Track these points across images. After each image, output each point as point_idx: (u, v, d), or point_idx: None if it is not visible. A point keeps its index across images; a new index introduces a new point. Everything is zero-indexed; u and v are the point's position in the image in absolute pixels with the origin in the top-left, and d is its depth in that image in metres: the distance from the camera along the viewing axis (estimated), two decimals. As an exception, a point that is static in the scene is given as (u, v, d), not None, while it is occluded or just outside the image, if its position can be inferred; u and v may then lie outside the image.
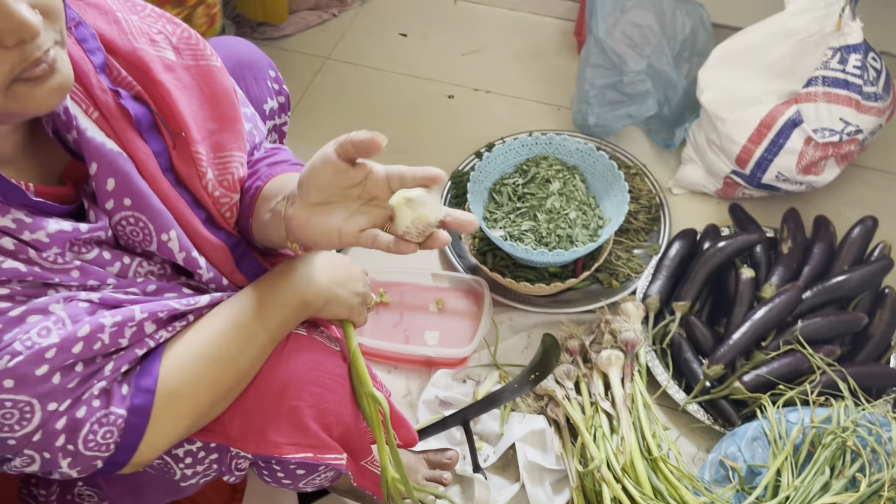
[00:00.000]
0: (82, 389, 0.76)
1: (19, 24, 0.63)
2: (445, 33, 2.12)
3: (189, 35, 0.89)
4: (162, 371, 0.80)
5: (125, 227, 0.83)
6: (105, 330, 0.76)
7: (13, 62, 0.65)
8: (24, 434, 0.74)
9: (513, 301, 1.52)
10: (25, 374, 0.71)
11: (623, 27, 1.70)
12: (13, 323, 0.72)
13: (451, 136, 1.86)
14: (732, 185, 1.62)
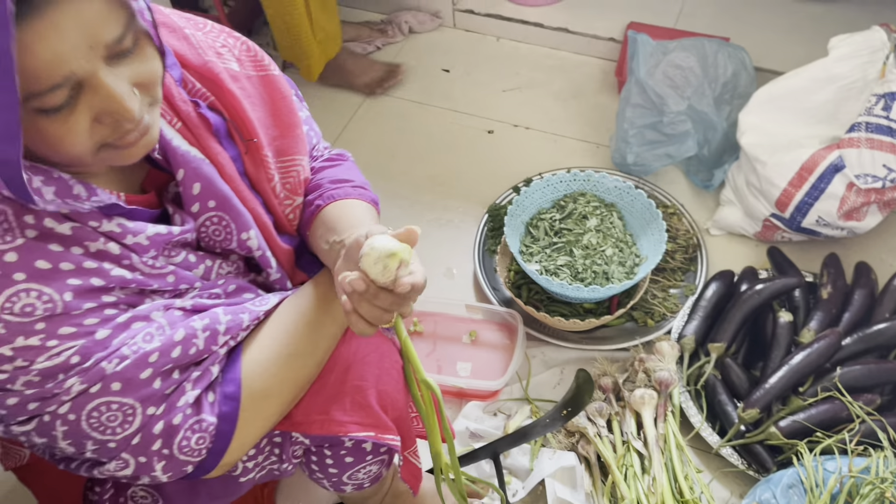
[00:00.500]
0: (177, 396, 0.80)
1: (120, 110, 0.68)
2: (487, 70, 2.15)
3: (248, 47, 0.94)
4: (244, 377, 0.84)
5: (209, 227, 0.88)
6: (198, 335, 0.81)
7: (105, 134, 0.70)
8: (124, 437, 0.78)
9: (546, 336, 1.52)
10: (132, 377, 0.76)
11: (664, 68, 1.72)
12: (120, 328, 0.77)
13: (489, 170, 1.88)
14: (771, 228, 1.61)
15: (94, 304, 0.75)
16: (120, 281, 0.77)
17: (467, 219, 1.79)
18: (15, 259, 0.71)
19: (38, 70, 0.62)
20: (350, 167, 1.06)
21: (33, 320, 0.71)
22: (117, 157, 0.74)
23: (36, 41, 0.61)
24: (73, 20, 0.62)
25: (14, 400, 0.74)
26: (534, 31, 2.17)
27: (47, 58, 0.62)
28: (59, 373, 0.74)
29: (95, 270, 0.75)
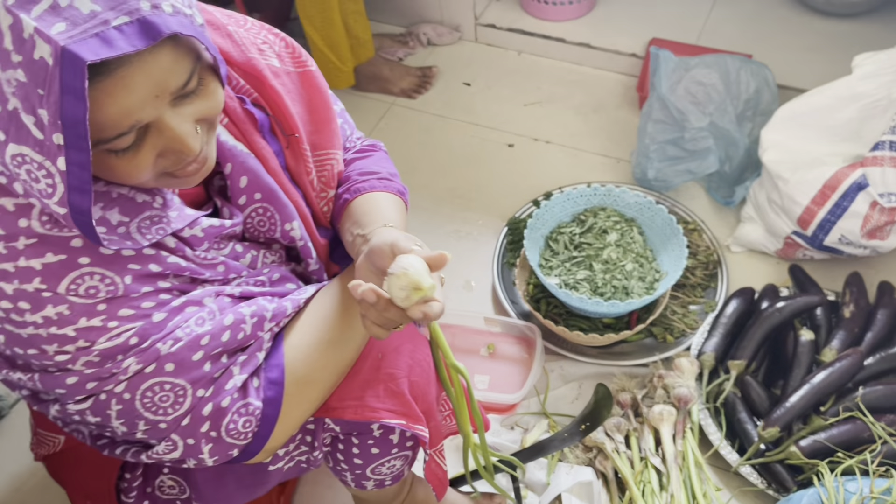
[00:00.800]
0: (225, 379, 0.83)
1: (183, 150, 0.72)
2: (508, 84, 2.16)
3: (287, 43, 0.97)
4: (287, 362, 0.87)
5: (254, 218, 0.91)
6: (246, 321, 0.84)
7: (167, 165, 0.74)
8: (175, 417, 0.81)
9: (565, 350, 1.52)
10: (184, 359, 0.79)
11: (686, 84, 1.72)
12: (175, 312, 0.80)
13: (509, 183, 1.89)
14: (793, 245, 1.60)
15: (150, 289, 0.78)
16: (175, 268, 0.80)
17: (486, 231, 1.79)
18: (80, 244, 0.74)
19: (106, 123, 0.65)
20: (380, 158, 1.08)
21: (96, 302, 0.75)
22: (175, 183, 0.78)
23: (105, 98, 0.64)
24: (142, 76, 0.65)
25: (73, 379, 0.77)
26: (555, 45, 2.18)
27: (116, 112, 0.65)
28: (118, 353, 0.77)
29: (153, 257, 0.78)
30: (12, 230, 0.72)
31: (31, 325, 0.74)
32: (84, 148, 0.63)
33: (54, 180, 0.65)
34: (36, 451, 1.03)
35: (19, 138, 0.65)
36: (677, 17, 2.16)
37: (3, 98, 0.63)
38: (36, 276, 0.72)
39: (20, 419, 1.53)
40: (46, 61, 0.60)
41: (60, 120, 0.61)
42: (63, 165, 0.64)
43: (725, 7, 2.19)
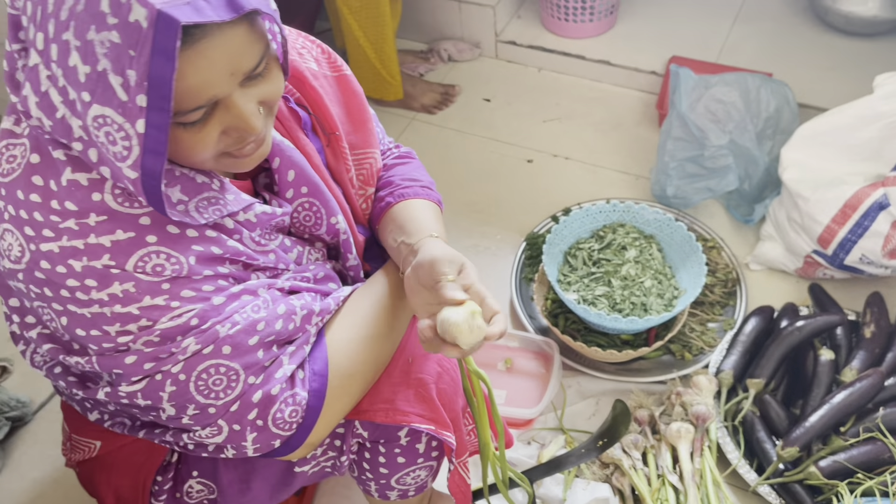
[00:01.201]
0: (275, 368, 0.85)
1: (247, 128, 0.75)
2: (528, 100, 2.18)
3: (323, 49, 1.02)
4: (330, 355, 0.89)
5: (300, 212, 0.94)
6: (297, 312, 0.87)
7: (228, 143, 0.77)
8: (225, 402, 0.83)
9: (582, 366, 1.52)
10: (241, 342, 0.81)
11: (706, 103, 1.72)
12: (233, 298, 0.82)
13: (528, 198, 1.90)
14: (813, 264, 1.60)
15: (211, 273, 0.80)
16: (234, 252, 0.83)
17: (505, 246, 1.80)
18: (148, 223, 0.76)
19: (186, 93, 0.68)
20: (418, 166, 1.13)
21: (161, 280, 0.77)
22: (233, 164, 0.80)
23: (188, 68, 0.67)
24: (221, 51, 0.69)
25: (132, 359, 0.78)
26: (575, 63, 2.20)
27: (196, 83, 0.68)
28: (178, 334, 0.78)
29: (215, 239, 0.81)
30: (85, 205, 0.74)
31: (97, 304, 0.75)
32: (166, 109, 0.66)
33: (131, 143, 0.68)
34: (69, 456, 1.04)
35: (105, 99, 0.67)
36: (697, 35, 2.17)
37: (94, 59, 0.65)
38: (105, 253, 0.74)
39: (42, 426, 1.55)
40: (141, 24, 0.63)
41: (147, 81, 0.64)
42: (142, 128, 0.67)
43: (745, 26, 2.19)
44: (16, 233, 0.75)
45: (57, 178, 0.74)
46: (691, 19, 2.23)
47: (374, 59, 1.99)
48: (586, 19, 2.17)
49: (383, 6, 1.91)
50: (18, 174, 0.75)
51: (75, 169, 0.74)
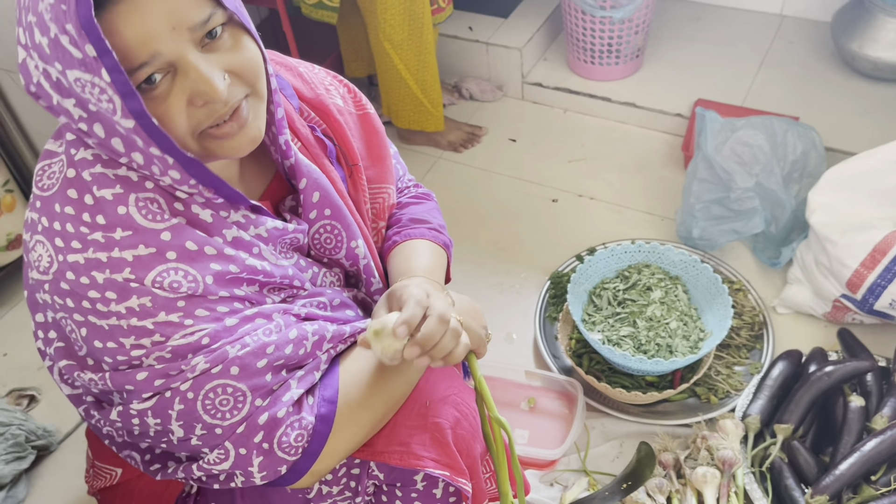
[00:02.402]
0: (282, 392, 0.85)
1: (208, 90, 0.74)
2: (553, 141, 2.20)
3: (349, 88, 1.08)
4: (342, 383, 0.89)
5: (321, 234, 0.96)
6: (308, 338, 0.87)
7: (201, 118, 0.77)
8: (231, 423, 0.83)
9: (606, 407, 1.51)
10: (249, 364, 0.82)
11: (732, 145, 1.73)
12: (246, 320, 0.83)
13: (552, 238, 1.90)
14: (842, 309, 1.58)
15: (227, 294, 0.82)
16: (251, 270, 0.84)
17: (529, 285, 1.80)
18: (169, 238, 0.78)
19: (126, 49, 0.70)
20: (432, 207, 1.15)
21: (177, 297, 0.78)
22: (219, 147, 0.80)
23: (120, 23, 0.69)
24: (155, 4, 0.70)
25: (143, 375, 0.80)
26: (601, 104, 2.22)
27: (132, 37, 0.70)
28: (188, 352, 0.80)
29: (233, 258, 0.82)
30: (113, 219, 0.77)
31: (115, 316, 0.77)
32: (107, 50, 0.67)
33: (109, 94, 0.70)
34: (92, 483, 1.05)
35: (67, 62, 0.69)
36: (723, 78, 2.19)
37: (46, 27, 0.69)
38: (127, 266, 0.77)
39: (67, 455, 1.56)
40: None
41: (83, 28, 0.66)
42: (107, 76, 0.68)
43: (771, 70, 2.20)
44: (46, 244, 0.79)
45: (89, 192, 0.77)
46: (717, 63, 2.25)
47: (417, 89, 2.03)
48: (612, 62, 2.20)
49: (426, 37, 1.96)
50: (56, 189, 0.79)
51: (101, 186, 0.77)
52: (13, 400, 1.66)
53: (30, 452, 1.51)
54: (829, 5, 2.24)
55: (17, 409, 1.59)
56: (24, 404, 1.65)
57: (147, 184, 0.79)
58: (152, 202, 0.79)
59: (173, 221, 0.79)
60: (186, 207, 0.81)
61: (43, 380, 1.71)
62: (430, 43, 1.98)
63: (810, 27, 2.32)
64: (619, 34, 2.12)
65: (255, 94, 0.81)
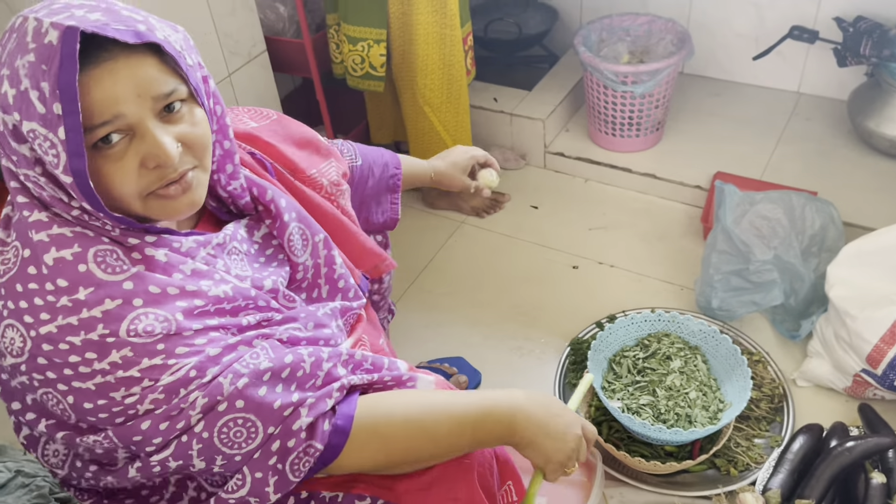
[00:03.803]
0: (293, 419, 0.88)
1: (161, 155, 0.81)
2: (574, 209, 2.24)
3: (249, 109, 1.21)
4: (357, 416, 0.92)
5: (294, 236, 1.05)
6: (305, 359, 0.91)
7: (150, 180, 0.83)
8: (248, 451, 0.86)
9: (625, 476, 1.50)
10: (251, 395, 0.85)
11: (751, 218, 1.76)
12: (229, 349, 0.87)
13: (572, 304, 1.93)
14: (862, 383, 1.58)
15: (200, 326, 0.85)
16: (215, 301, 0.88)
17: (549, 350, 1.82)
18: (132, 287, 0.82)
19: (93, 107, 0.77)
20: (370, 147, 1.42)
21: (154, 340, 0.82)
22: (161, 208, 0.86)
23: (93, 85, 0.76)
24: (126, 71, 0.78)
25: (147, 423, 0.82)
26: (622, 175, 2.27)
27: (102, 97, 0.77)
28: (180, 387, 0.82)
29: (196, 292, 0.86)
30: (74, 278, 0.80)
31: (99, 374, 0.80)
32: (76, 111, 0.74)
33: (58, 150, 0.76)
34: None
35: (29, 115, 0.75)
36: (742, 153, 2.23)
37: (18, 80, 0.75)
38: (99, 323, 0.80)
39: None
40: (53, 43, 0.74)
41: (59, 89, 0.73)
42: (63, 134, 0.75)
43: (789, 146, 2.25)
44: (16, 325, 0.82)
45: (46, 262, 0.81)
46: (735, 138, 2.30)
47: (447, 138, 2.12)
48: (633, 135, 2.26)
49: (463, 98, 2.07)
50: (14, 272, 0.83)
51: (59, 247, 0.81)
52: (38, 450, 1.68)
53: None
54: (846, 84, 2.30)
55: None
56: (49, 455, 1.67)
57: (103, 238, 0.83)
58: (111, 254, 0.83)
59: (133, 270, 0.83)
60: (141, 252, 0.85)
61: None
62: (466, 104, 2.09)
63: (827, 105, 2.37)
64: (640, 108, 2.19)
65: (201, 167, 0.88)
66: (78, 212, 0.82)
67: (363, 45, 1.98)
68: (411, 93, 2.04)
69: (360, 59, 2.01)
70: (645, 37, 2.29)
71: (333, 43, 2.06)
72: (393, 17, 1.94)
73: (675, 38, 2.24)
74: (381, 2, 1.92)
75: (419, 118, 2.08)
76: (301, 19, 1.98)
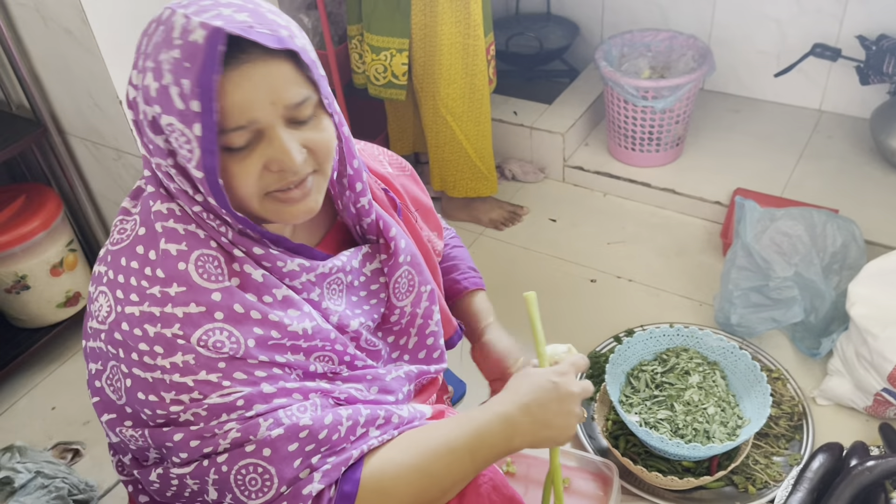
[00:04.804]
0: (304, 484, 0.86)
1: (286, 160, 0.82)
2: (593, 223, 2.24)
3: (390, 155, 1.18)
4: (363, 480, 0.89)
5: (402, 279, 1.04)
6: (343, 423, 0.89)
7: (271, 181, 0.84)
8: (256, 503, 0.85)
9: (642, 491, 1.49)
10: (280, 447, 0.84)
11: (772, 235, 1.76)
12: (283, 392, 0.86)
13: (590, 318, 1.92)
14: (884, 403, 1.56)
15: (266, 359, 0.85)
16: (292, 336, 0.87)
17: (566, 364, 1.81)
18: (219, 299, 0.83)
19: (230, 110, 0.78)
20: (466, 251, 1.35)
21: (219, 357, 0.82)
22: (279, 211, 0.86)
23: (232, 88, 0.77)
24: (262, 78, 0.78)
25: (180, 436, 0.83)
26: (641, 189, 2.27)
27: (238, 101, 0.78)
28: (223, 411, 0.83)
29: (276, 324, 0.86)
30: (172, 273, 0.82)
31: (159, 370, 0.82)
32: (212, 110, 0.76)
33: (192, 145, 0.77)
34: None
35: (168, 109, 0.77)
36: (762, 169, 2.23)
37: (161, 74, 0.77)
38: (177, 322, 0.81)
39: (106, 510, 1.59)
40: (199, 42, 0.75)
41: (199, 87, 0.75)
42: (198, 131, 0.76)
43: (810, 163, 2.24)
44: (109, 295, 0.85)
45: (156, 248, 0.83)
46: (756, 154, 2.30)
47: (475, 156, 2.14)
48: (653, 150, 2.26)
49: (485, 107, 2.09)
50: (126, 244, 0.86)
51: (168, 240, 0.83)
52: (58, 453, 1.70)
53: (70, 506, 1.54)
54: (868, 103, 2.29)
55: (62, 462, 1.63)
56: (69, 458, 1.69)
57: (212, 242, 0.85)
58: (213, 260, 0.84)
59: (226, 283, 0.84)
60: (241, 267, 0.86)
61: (87, 435, 1.75)
62: (487, 113, 2.11)
63: (849, 123, 2.37)
64: (661, 123, 2.19)
65: (321, 172, 0.88)
66: (199, 207, 0.84)
67: (386, 55, 2.01)
68: (433, 102, 2.06)
69: (382, 69, 2.03)
70: (666, 52, 2.30)
71: (356, 53, 2.09)
72: (415, 28, 1.96)
73: (696, 54, 2.24)
74: (405, 12, 1.94)
75: (440, 128, 2.10)
76: (325, 30, 2.00)
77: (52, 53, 1.73)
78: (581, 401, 0.98)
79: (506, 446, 0.94)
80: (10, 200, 1.85)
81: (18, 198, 1.86)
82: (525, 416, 0.94)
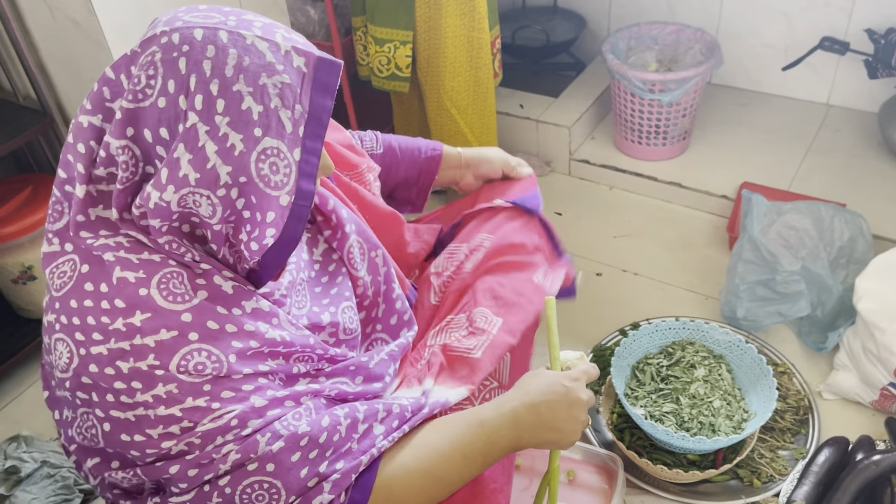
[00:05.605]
0: (314, 494, 0.85)
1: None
2: (599, 216, 2.24)
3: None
4: (375, 489, 0.88)
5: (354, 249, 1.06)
6: (341, 422, 0.88)
7: None
8: None
9: (646, 484, 1.49)
10: (283, 460, 0.82)
11: (779, 228, 1.75)
12: (275, 403, 0.84)
13: (596, 311, 1.92)
14: (890, 397, 1.56)
15: (250, 371, 0.82)
16: (271, 344, 0.85)
17: (571, 357, 1.81)
18: (190, 319, 0.79)
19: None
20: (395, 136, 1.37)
21: (202, 381, 0.79)
22: None
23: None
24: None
25: (176, 468, 0.80)
26: (647, 183, 2.26)
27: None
28: (217, 435, 0.80)
29: (253, 333, 0.83)
30: (133, 301, 0.77)
31: (141, 406, 0.77)
32: (321, 136, 0.81)
33: (291, 169, 0.80)
34: None
35: (276, 133, 0.79)
36: (769, 163, 2.22)
37: (268, 98, 0.77)
38: (150, 353, 0.77)
39: (111, 499, 1.59)
40: (302, 69, 0.80)
41: (309, 112, 0.80)
42: (298, 155, 0.80)
43: (818, 157, 2.23)
44: (67, 340, 0.79)
45: (108, 279, 0.78)
46: (763, 148, 2.29)
47: (473, 141, 2.14)
48: (659, 143, 2.26)
49: (490, 100, 2.08)
50: (71, 286, 0.80)
51: (123, 268, 0.79)
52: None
53: (77, 495, 1.54)
54: (877, 97, 2.28)
55: (68, 451, 1.64)
56: (74, 447, 1.70)
57: (170, 261, 0.81)
58: (176, 276, 0.80)
59: (194, 302, 0.80)
60: (208, 280, 0.82)
61: (93, 424, 1.76)
62: (492, 106, 2.10)
63: (857, 117, 2.35)
64: (667, 117, 2.18)
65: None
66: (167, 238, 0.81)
67: (389, 47, 2.00)
68: (437, 95, 2.05)
69: (386, 60, 2.03)
70: (673, 46, 2.29)
71: (360, 45, 2.08)
72: (420, 20, 1.95)
73: (703, 48, 2.23)
74: (409, 4, 1.93)
75: (445, 120, 2.09)
76: (331, 22, 2.00)
77: (58, 44, 1.73)
78: (588, 409, 0.99)
79: (514, 446, 0.95)
80: (16, 191, 1.86)
81: (25, 189, 1.86)
82: (534, 416, 0.94)
